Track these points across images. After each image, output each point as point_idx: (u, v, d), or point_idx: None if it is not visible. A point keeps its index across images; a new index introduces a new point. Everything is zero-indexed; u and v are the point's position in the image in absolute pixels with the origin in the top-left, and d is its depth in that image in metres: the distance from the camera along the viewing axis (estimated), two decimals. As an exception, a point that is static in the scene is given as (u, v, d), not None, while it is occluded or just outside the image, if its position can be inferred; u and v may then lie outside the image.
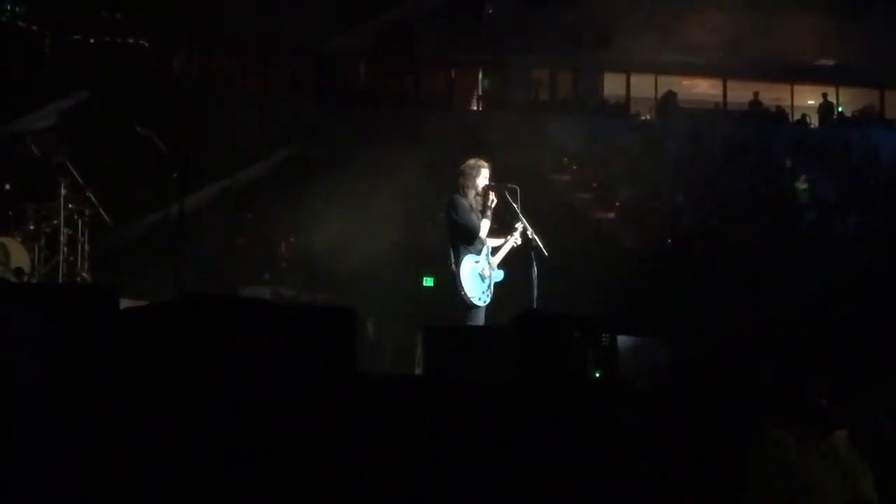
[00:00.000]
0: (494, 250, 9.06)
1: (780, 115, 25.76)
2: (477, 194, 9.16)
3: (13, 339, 3.00)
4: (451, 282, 8.95)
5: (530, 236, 9.13)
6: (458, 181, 9.18)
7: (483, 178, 9.12)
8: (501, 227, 9.23)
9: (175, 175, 9.48)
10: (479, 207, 9.10)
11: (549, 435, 3.42)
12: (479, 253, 8.97)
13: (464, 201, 9.02)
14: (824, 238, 18.45)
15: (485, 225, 9.06)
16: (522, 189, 9.35)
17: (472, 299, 8.73)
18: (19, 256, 9.94)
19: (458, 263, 8.81)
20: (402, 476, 3.39)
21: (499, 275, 9.02)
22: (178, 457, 2.07)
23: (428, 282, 9.57)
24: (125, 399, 2.30)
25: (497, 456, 3.37)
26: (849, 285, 14.47)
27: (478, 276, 8.85)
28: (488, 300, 8.85)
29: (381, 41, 22.62)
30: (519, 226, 9.09)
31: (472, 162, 9.25)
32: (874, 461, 3.46)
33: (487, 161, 9.25)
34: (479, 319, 8.79)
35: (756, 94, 25.47)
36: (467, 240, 8.97)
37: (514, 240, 9.06)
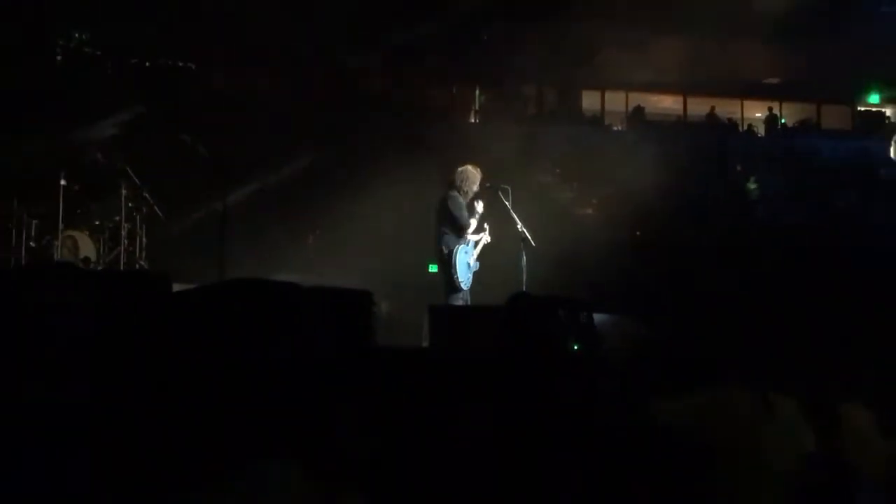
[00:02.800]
0: (473, 244, 9.19)
1: (732, 126, 25.72)
2: (473, 196, 9.21)
3: (80, 317, 3.00)
4: (439, 265, 9.04)
5: (520, 229, 9.15)
6: (454, 182, 9.20)
7: (477, 183, 9.18)
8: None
9: (217, 177, 9.50)
10: (469, 207, 9.19)
11: (536, 397, 3.42)
12: (467, 244, 9.04)
13: (462, 199, 9.06)
14: (772, 228, 18.45)
15: (473, 223, 9.13)
16: (513, 189, 9.36)
17: (460, 283, 8.85)
18: (87, 247, 9.99)
19: (450, 251, 8.88)
20: (410, 432, 3.40)
21: (476, 265, 9.16)
22: (220, 416, 2.06)
23: (433, 268, 9.59)
24: (176, 367, 2.30)
25: (492, 415, 3.38)
26: (794, 267, 14.47)
27: (466, 264, 8.94)
28: (470, 284, 9.00)
29: (392, 60, 22.58)
30: (486, 227, 9.29)
31: (470, 168, 9.27)
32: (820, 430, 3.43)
33: (477, 167, 9.36)
34: (460, 300, 8.93)
35: (712, 108, 25.43)
36: (459, 232, 9.03)
37: (485, 237, 9.23)
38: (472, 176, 9.19)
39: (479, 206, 9.25)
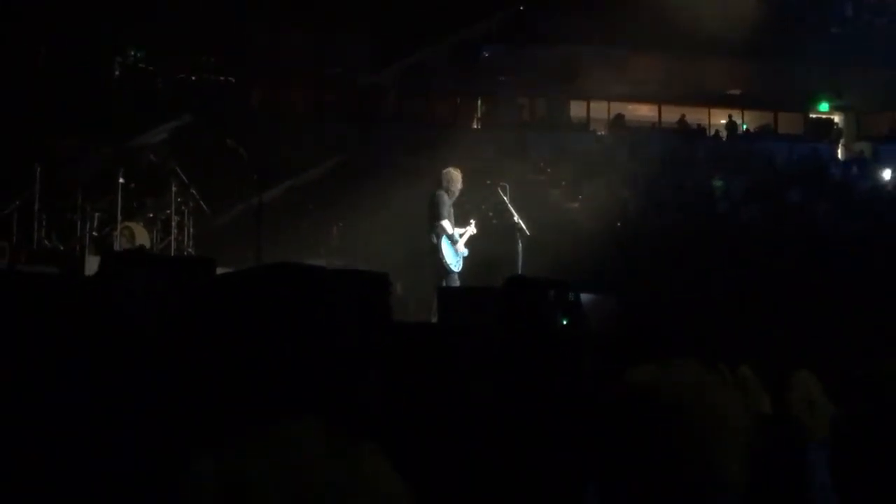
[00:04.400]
0: (461, 234, 9.30)
1: (700, 131, 25.62)
2: (454, 192, 9.34)
3: (137, 296, 3.02)
4: (431, 252, 9.12)
5: (516, 220, 9.19)
6: (441, 182, 9.34)
7: (460, 182, 9.32)
8: (465, 218, 9.50)
9: (255, 176, 9.51)
10: (453, 201, 9.32)
11: (530, 365, 3.43)
12: (453, 234, 9.14)
13: (446, 198, 9.18)
14: (734, 222, 18.41)
15: (446, 222, 9.19)
16: (510, 186, 9.37)
17: (449, 265, 8.96)
18: (142, 237, 9.99)
19: (439, 239, 9.01)
20: (423, 392, 3.42)
21: (465, 251, 9.26)
22: (256, 378, 2.06)
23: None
24: (219, 340, 2.31)
25: (492, 379, 3.39)
26: (750, 256, 14.45)
27: (453, 250, 9.01)
28: (460, 267, 9.10)
29: (404, 77, 22.54)
30: (473, 221, 9.39)
31: (452, 170, 9.40)
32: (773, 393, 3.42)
33: (458, 169, 9.47)
34: (455, 281, 9.04)
35: (683, 115, 25.32)
36: (433, 223, 9.18)
37: (471, 229, 9.35)
38: (455, 177, 9.32)
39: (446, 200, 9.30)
